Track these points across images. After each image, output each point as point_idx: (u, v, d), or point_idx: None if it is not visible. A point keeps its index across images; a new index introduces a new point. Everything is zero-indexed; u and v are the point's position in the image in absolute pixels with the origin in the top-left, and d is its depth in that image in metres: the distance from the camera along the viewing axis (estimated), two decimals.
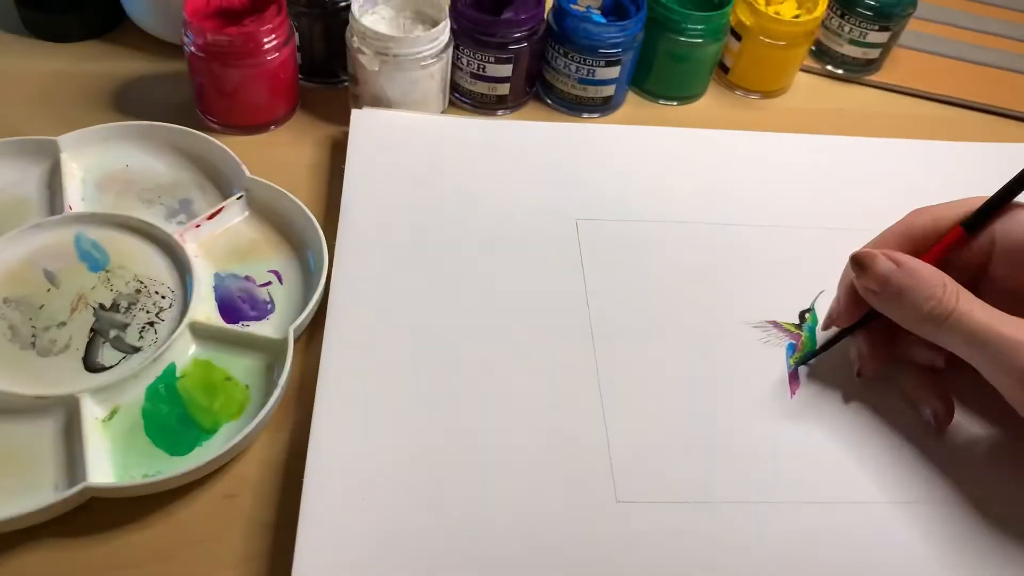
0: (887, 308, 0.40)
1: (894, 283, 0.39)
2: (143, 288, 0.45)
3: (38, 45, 0.59)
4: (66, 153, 0.49)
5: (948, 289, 0.39)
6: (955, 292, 0.39)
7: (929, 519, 0.40)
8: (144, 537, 0.37)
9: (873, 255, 0.40)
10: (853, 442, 0.43)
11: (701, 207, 0.53)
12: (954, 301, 0.38)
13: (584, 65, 0.56)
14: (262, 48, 0.51)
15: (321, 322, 0.44)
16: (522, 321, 0.45)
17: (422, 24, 0.55)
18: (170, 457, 0.39)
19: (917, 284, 0.39)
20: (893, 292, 0.40)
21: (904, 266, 0.40)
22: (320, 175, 0.53)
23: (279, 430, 0.41)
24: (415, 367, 0.43)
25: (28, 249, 0.45)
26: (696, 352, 0.45)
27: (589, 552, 0.38)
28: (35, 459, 0.38)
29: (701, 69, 0.61)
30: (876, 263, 0.40)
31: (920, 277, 0.39)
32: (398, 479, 0.39)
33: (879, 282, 0.40)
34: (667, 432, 0.42)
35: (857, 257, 0.41)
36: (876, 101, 0.65)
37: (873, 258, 0.40)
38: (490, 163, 0.53)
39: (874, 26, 0.63)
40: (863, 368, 0.44)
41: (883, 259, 0.40)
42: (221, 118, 0.54)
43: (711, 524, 0.39)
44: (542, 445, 0.41)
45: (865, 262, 0.41)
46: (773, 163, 0.56)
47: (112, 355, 0.42)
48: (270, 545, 0.38)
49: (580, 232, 0.50)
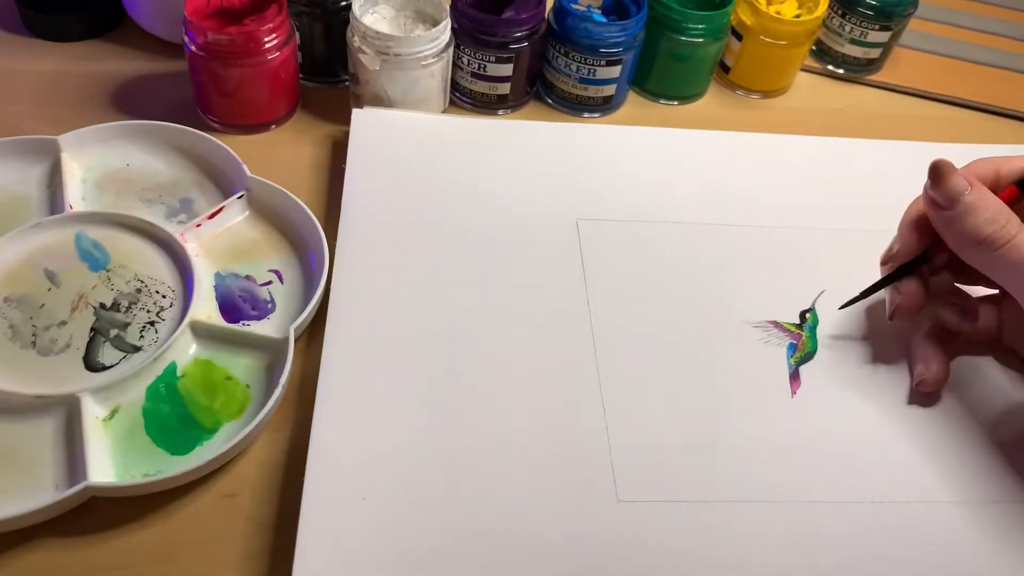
0: (949, 225, 0.41)
1: (963, 201, 0.40)
2: (144, 287, 0.45)
3: (39, 44, 0.59)
4: (67, 152, 0.49)
5: (1012, 220, 0.40)
6: (1018, 225, 0.40)
7: (930, 519, 0.40)
8: (144, 536, 0.37)
9: (952, 167, 0.41)
10: (854, 442, 0.43)
11: (702, 207, 0.53)
12: (1015, 231, 0.39)
13: (585, 65, 0.56)
14: (263, 47, 0.51)
15: (322, 321, 0.44)
16: (522, 320, 0.45)
17: (423, 23, 0.55)
18: (171, 456, 0.39)
19: (984, 207, 0.40)
20: (960, 210, 0.40)
21: (976, 187, 0.41)
22: (321, 174, 0.53)
23: (279, 429, 0.41)
24: (415, 366, 0.43)
25: (29, 248, 0.45)
26: (697, 352, 0.45)
27: (590, 551, 0.38)
28: (36, 458, 0.38)
29: (702, 69, 0.61)
30: (953, 176, 0.41)
31: (988, 201, 0.40)
32: (398, 479, 0.39)
33: (950, 196, 0.41)
34: (668, 431, 0.42)
35: (936, 165, 0.41)
36: (877, 101, 0.65)
37: (951, 171, 0.41)
38: (491, 163, 0.53)
39: (875, 26, 0.63)
40: (898, 312, 0.44)
41: (959, 175, 0.41)
42: (222, 117, 0.54)
43: (712, 523, 0.39)
44: (543, 444, 0.41)
45: (943, 172, 0.41)
46: (774, 163, 0.56)
47: (113, 354, 0.42)
48: (270, 544, 0.38)
49: (581, 232, 0.50)
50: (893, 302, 0.44)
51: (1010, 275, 0.40)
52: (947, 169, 0.41)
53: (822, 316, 0.47)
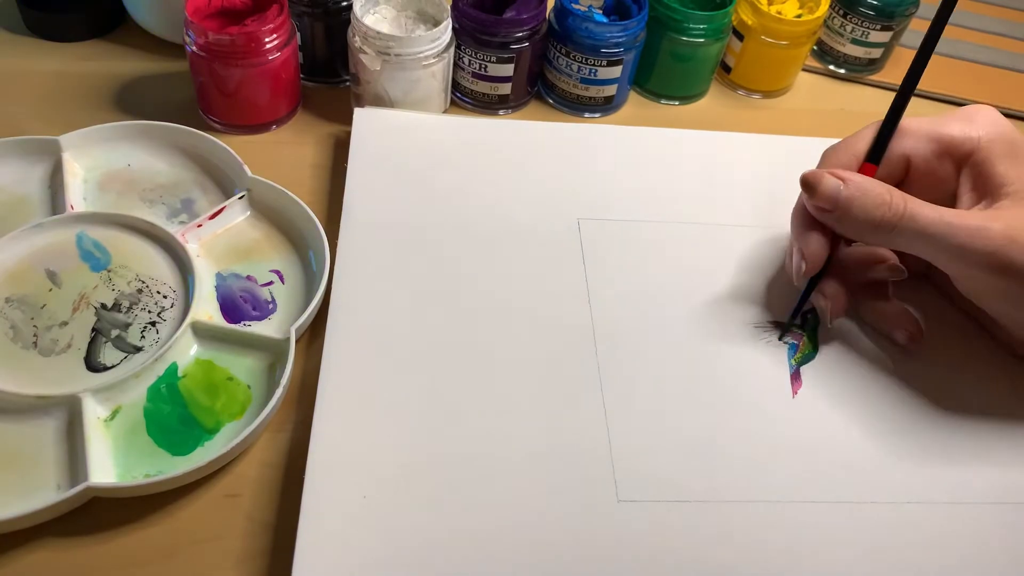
0: (841, 222, 0.42)
1: (844, 197, 0.42)
2: (145, 288, 0.45)
3: (40, 45, 0.59)
4: (68, 152, 0.49)
5: (895, 194, 0.41)
6: (901, 196, 0.41)
7: (932, 520, 0.40)
8: (145, 537, 0.37)
9: (819, 174, 0.43)
10: (855, 442, 0.43)
11: (703, 207, 0.52)
12: (902, 204, 0.40)
13: (586, 65, 0.56)
14: (264, 48, 0.51)
15: (323, 322, 0.44)
16: (524, 320, 0.45)
17: (424, 24, 0.55)
18: (172, 457, 0.39)
19: (865, 194, 0.41)
20: (844, 206, 0.42)
21: (849, 180, 0.42)
22: (322, 174, 0.53)
23: (280, 430, 0.41)
24: (416, 367, 0.43)
25: (30, 249, 0.45)
26: (698, 351, 0.45)
27: (590, 552, 0.38)
28: (37, 459, 0.38)
29: (703, 69, 0.61)
30: (823, 181, 0.42)
31: (866, 187, 0.41)
32: (399, 479, 0.39)
33: (829, 199, 0.42)
34: (669, 431, 0.42)
35: (805, 178, 0.43)
36: (878, 101, 0.65)
37: (820, 176, 0.42)
38: (492, 163, 0.53)
39: (876, 26, 0.63)
40: (832, 314, 0.45)
41: (829, 176, 0.42)
42: (223, 117, 0.54)
43: (712, 523, 0.39)
44: (543, 445, 0.41)
45: (812, 181, 0.43)
46: (776, 164, 0.56)
47: (114, 355, 0.42)
48: (271, 545, 0.38)
49: (582, 232, 0.50)
50: (824, 309, 0.45)
51: (916, 245, 0.41)
52: (816, 176, 0.42)
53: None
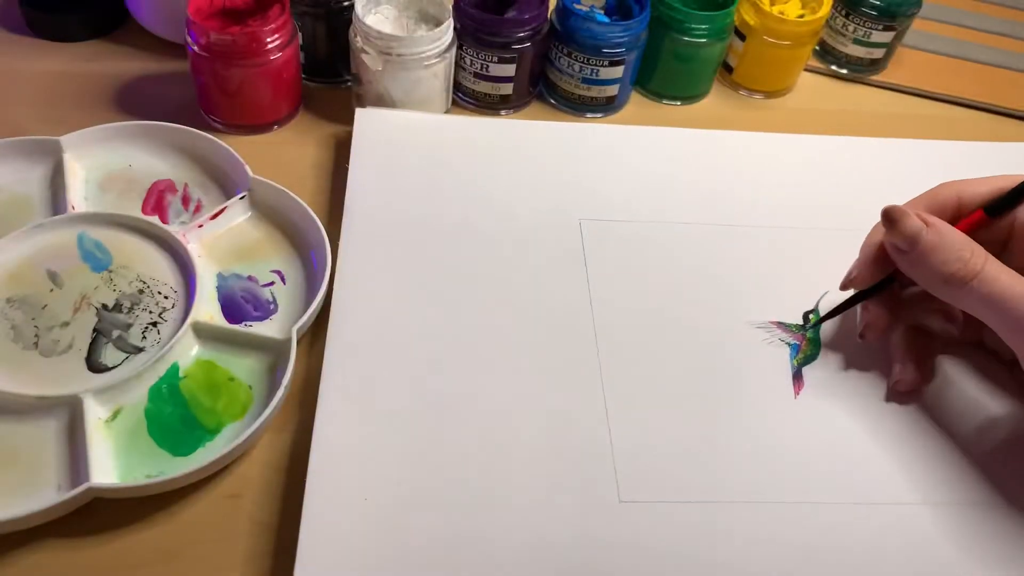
0: (913, 267, 0.41)
1: (923, 242, 0.40)
2: (146, 288, 0.45)
3: (41, 45, 0.59)
4: (69, 153, 0.49)
5: (976, 252, 0.39)
6: (984, 255, 0.39)
7: (931, 519, 0.40)
8: (147, 537, 0.37)
9: (904, 211, 0.41)
10: (856, 443, 0.43)
11: (705, 207, 0.52)
12: (981, 263, 0.39)
13: (588, 65, 0.56)
14: (265, 48, 0.51)
15: (324, 322, 0.44)
16: (525, 321, 0.45)
17: (425, 24, 0.55)
18: (173, 457, 0.39)
19: (945, 245, 0.39)
20: (920, 251, 0.40)
21: (934, 227, 0.40)
22: (323, 175, 0.53)
23: (282, 431, 0.41)
24: (418, 367, 0.43)
25: (31, 249, 0.45)
26: (699, 352, 0.45)
27: (592, 552, 0.38)
28: (38, 459, 0.38)
29: (705, 69, 0.61)
30: (906, 220, 0.40)
31: (949, 238, 0.39)
32: (400, 479, 0.39)
33: (908, 239, 0.40)
34: (670, 432, 0.42)
35: (888, 212, 0.41)
36: (880, 101, 0.65)
37: (903, 214, 0.40)
38: (493, 163, 0.53)
39: (878, 26, 0.63)
40: (866, 332, 0.44)
41: (914, 217, 0.40)
42: (224, 118, 0.54)
43: (714, 524, 0.39)
44: (545, 445, 0.41)
45: (895, 216, 0.41)
46: (777, 164, 0.56)
47: (115, 355, 0.42)
48: (273, 545, 0.38)
49: (584, 232, 0.50)
50: (862, 321, 0.45)
51: (981, 309, 0.39)
52: (899, 213, 0.40)
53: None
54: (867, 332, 0.44)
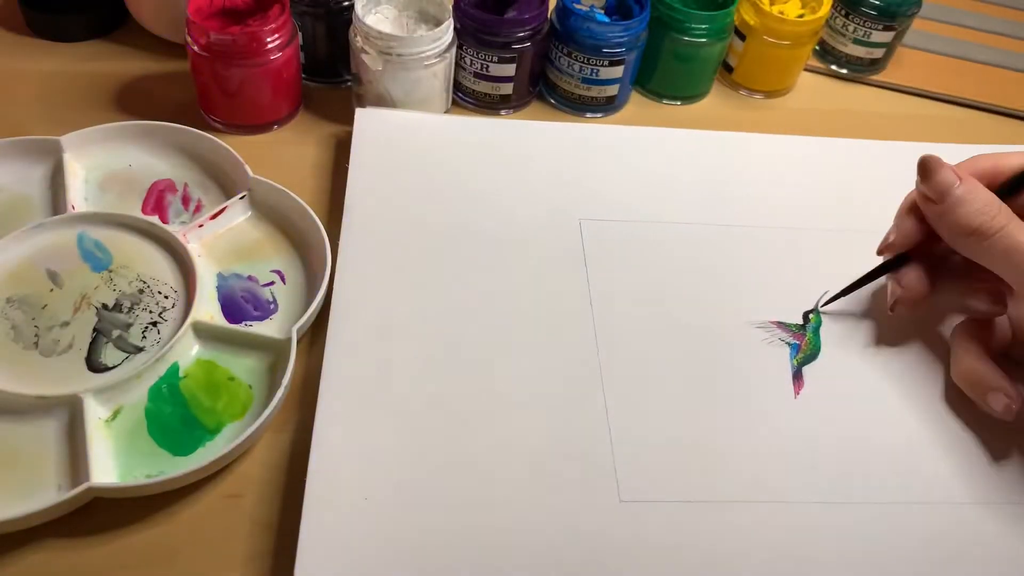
0: (941, 217, 0.42)
1: (953, 194, 0.41)
2: (146, 288, 0.45)
3: (41, 45, 0.59)
4: (69, 153, 0.49)
5: (1003, 210, 0.41)
6: (1009, 214, 0.41)
7: (934, 520, 0.40)
8: (147, 537, 0.37)
9: (940, 162, 0.42)
10: (856, 443, 0.43)
11: (705, 207, 0.52)
12: (1006, 220, 0.40)
13: (588, 65, 0.56)
14: (265, 48, 0.51)
15: (324, 322, 0.44)
16: (525, 321, 0.45)
17: (425, 23, 0.55)
18: (173, 457, 0.39)
19: (974, 199, 0.41)
20: (950, 203, 0.41)
21: (966, 181, 0.42)
22: (323, 175, 0.53)
23: (282, 430, 0.41)
24: (418, 367, 0.43)
25: (31, 249, 0.45)
26: (699, 352, 0.45)
27: (592, 552, 0.38)
28: (38, 459, 0.38)
29: (705, 69, 0.61)
30: (941, 171, 0.42)
31: (978, 193, 0.41)
32: (400, 479, 0.39)
33: (940, 190, 0.42)
34: (670, 432, 0.42)
35: (924, 160, 0.43)
36: (880, 101, 0.65)
37: (940, 166, 0.42)
38: (493, 163, 0.53)
39: (878, 26, 0.63)
40: (900, 303, 0.45)
41: (948, 170, 0.42)
42: (224, 118, 0.54)
43: (714, 524, 0.39)
44: (545, 445, 0.41)
45: (932, 167, 0.42)
46: (777, 164, 0.56)
47: (115, 355, 0.42)
48: (273, 545, 0.38)
49: (584, 232, 0.50)
50: (894, 293, 0.45)
51: (1002, 262, 0.41)
52: (935, 163, 0.42)
53: (825, 317, 0.47)
54: (900, 304, 0.45)
